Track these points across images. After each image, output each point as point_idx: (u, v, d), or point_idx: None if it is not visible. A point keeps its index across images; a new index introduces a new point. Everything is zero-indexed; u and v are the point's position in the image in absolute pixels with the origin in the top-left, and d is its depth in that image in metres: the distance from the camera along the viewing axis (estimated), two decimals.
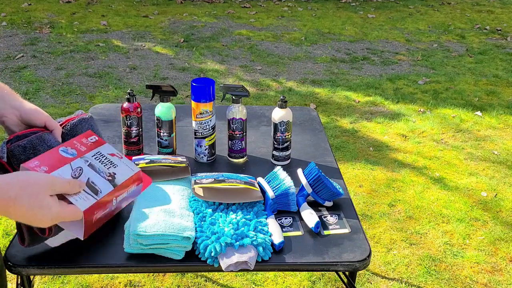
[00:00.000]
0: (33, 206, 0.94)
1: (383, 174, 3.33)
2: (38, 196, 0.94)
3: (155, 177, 1.52)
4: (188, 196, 1.48)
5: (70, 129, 1.28)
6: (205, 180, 1.49)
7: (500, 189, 3.23)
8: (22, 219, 0.97)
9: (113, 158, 1.13)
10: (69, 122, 1.28)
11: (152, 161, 1.58)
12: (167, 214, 1.34)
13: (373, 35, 6.41)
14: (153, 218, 1.31)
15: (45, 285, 2.34)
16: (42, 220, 0.97)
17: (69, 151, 1.08)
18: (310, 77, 4.96)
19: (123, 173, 1.11)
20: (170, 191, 1.48)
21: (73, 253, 1.30)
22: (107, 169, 1.09)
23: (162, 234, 1.26)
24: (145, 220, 1.30)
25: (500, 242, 2.74)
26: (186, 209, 1.41)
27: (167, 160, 1.61)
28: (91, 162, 1.08)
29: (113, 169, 1.10)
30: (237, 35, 6.20)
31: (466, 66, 5.40)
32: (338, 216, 1.49)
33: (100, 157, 1.11)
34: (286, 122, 1.72)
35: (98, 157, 1.11)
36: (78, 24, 6.29)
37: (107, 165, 1.10)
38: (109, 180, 1.07)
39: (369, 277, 2.47)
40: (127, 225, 1.33)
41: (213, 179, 1.49)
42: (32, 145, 1.16)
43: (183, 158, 1.67)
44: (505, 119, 4.22)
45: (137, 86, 4.56)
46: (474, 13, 7.61)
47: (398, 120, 4.12)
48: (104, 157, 1.11)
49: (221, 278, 2.42)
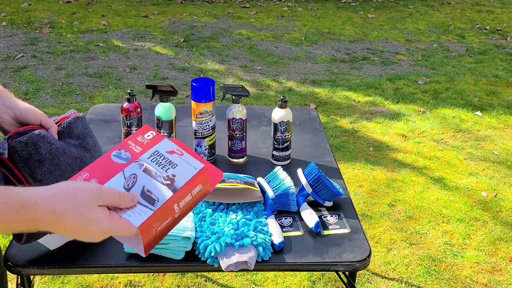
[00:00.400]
0: (80, 220, 0.82)
1: (383, 174, 3.33)
2: (84, 209, 0.82)
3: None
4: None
5: (66, 127, 1.27)
6: None
7: (500, 189, 3.23)
8: (72, 235, 0.85)
9: (172, 156, 0.95)
10: (65, 120, 1.28)
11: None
12: None
13: (373, 35, 6.41)
14: None
15: (45, 285, 2.34)
16: (94, 234, 0.84)
17: (123, 155, 0.94)
18: (310, 77, 4.96)
19: (184, 173, 0.93)
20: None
21: (73, 253, 1.30)
22: (165, 171, 0.92)
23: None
24: None
25: (500, 242, 2.74)
26: None
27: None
28: (147, 166, 0.92)
29: (172, 170, 0.93)
30: (237, 35, 6.20)
31: (466, 66, 5.40)
32: (338, 216, 1.49)
33: (158, 158, 0.95)
34: (286, 122, 1.72)
35: (155, 157, 0.95)
36: (78, 24, 6.29)
37: (165, 166, 0.93)
38: (168, 184, 0.90)
39: (369, 277, 2.47)
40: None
41: None
42: (33, 141, 1.15)
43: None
44: (505, 119, 4.22)
45: (137, 86, 4.56)
46: (474, 13, 7.61)
47: (398, 120, 4.12)
48: (162, 156, 0.95)
49: (221, 278, 2.42)
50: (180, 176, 0.92)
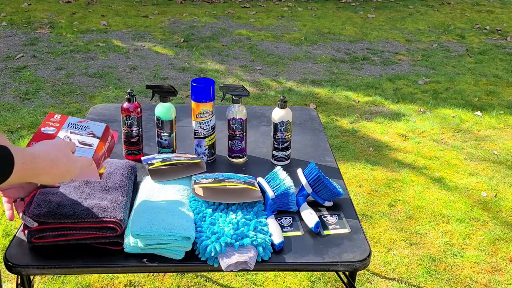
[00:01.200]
0: (69, 162, 1.13)
1: (383, 174, 3.33)
2: (70, 154, 1.15)
3: (171, 175, 1.56)
4: (188, 196, 1.49)
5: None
6: (205, 180, 1.49)
7: (500, 189, 3.23)
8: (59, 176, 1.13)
9: (82, 124, 1.36)
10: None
11: (165, 159, 1.61)
12: (167, 214, 1.34)
13: (373, 35, 6.41)
14: (153, 218, 1.31)
15: (45, 285, 2.34)
16: (73, 172, 1.16)
17: (49, 129, 1.31)
18: (310, 77, 4.96)
19: (96, 130, 1.36)
20: (170, 191, 1.48)
21: (73, 253, 1.30)
22: (84, 131, 1.34)
23: (162, 234, 1.27)
24: (145, 220, 1.30)
25: (500, 242, 2.74)
26: (186, 209, 1.41)
27: (179, 158, 1.63)
28: (70, 130, 1.32)
29: (88, 129, 1.35)
30: (237, 35, 6.20)
31: (466, 66, 5.40)
32: (338, 216, 1.49)
33: (73, 125, 1.35)
34: (286, 122, 1.72)
35: (72, 125, 1.34)
36: (78, 24, 6.29)
37: (82, 128, 1.34)
38: (92, 136, 1.33)
39: (369, 277, 2.47)
40: (127, 225, 1.33)
41: (213, 179, 1.49)
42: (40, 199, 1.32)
43: (194, 155, 1.70)
44: (505, 119, 4.22)
45: (137, 86, 4.56)
46: (474, 13, 7.61)
47: (398, 120, 4.12)
48: (75, 125, 1.35)
49: (221, 278, 2.42)
50: (95, 131, 1.35)
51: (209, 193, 1.47)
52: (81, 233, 1.28)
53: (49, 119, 1.36)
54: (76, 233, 1.28)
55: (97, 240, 1.29)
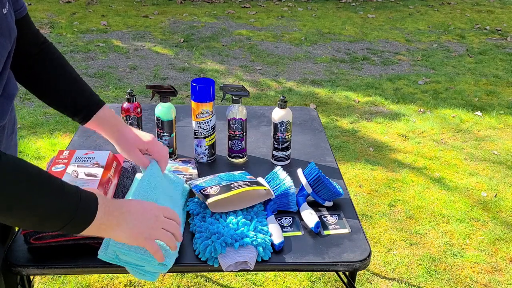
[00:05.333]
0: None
1: (383, 174, 3.33)
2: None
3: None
4: (182, 205, 1.45)
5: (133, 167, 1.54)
6: (210, 189, 1.43)
7: (500, 189, 3.23)
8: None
9: (88, 155, 1.44)
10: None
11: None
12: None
13: (373, 35, 6.41)
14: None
15: (45, 285, 2.34)
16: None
17: (59, 166, 1.39)
18: (310, 77, 4.96)
19: (101, 158, 1.43)
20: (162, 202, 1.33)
21: (73, 253, 1.30)
22: (90, 162, 1.42)
23: (141, 255, 1.20)
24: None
25: (500, 242, 2.74)
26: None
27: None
28: (77, 164, 1.40)
29: (93, 160, 1.42)
30: (237, 35, 6.20)
31: (466, 66, 5.40)
32: (338, 216, 1.49)
33: (80, 158, 1.43)
34: (286, 122, 1.72)
35: (78, 159, 1.43)
36: (78, 24, 6.29)
37: (87, 160, 1.42)
38: (96, 166, 1.40)
39: (369, 277, 2.47)
40: None
41: (218, 187, 1.43)
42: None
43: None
44: (505, 119, 4.22)
45: (137, 86, 4.56)
46: (474, 13, 7.61)
47: (398, 120, 4.12)
48: (81, 158, 1.43)
49: (221, 278, 2.42)
50: (100, 160, 1.42)
51: (221, 205, 1.42)
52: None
53: (59, 157, 1.43)
54: None
55: (97, 240, 1.29)
